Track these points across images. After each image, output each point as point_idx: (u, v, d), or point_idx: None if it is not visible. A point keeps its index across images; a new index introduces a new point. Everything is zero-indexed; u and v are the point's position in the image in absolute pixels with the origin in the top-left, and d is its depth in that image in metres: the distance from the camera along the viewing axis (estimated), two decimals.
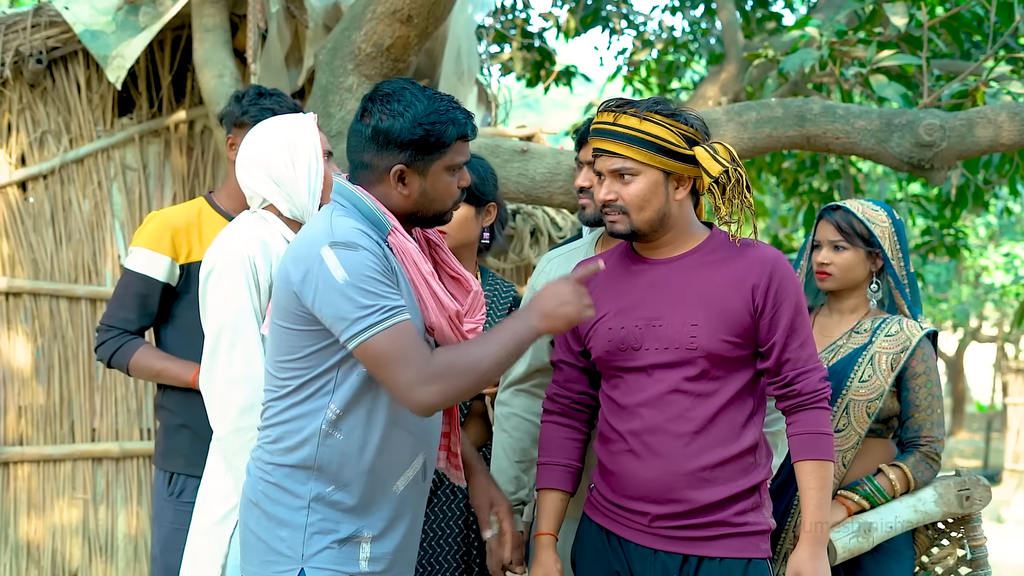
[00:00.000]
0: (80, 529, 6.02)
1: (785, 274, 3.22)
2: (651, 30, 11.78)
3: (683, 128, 3.18)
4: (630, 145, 3.18)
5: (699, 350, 3.17)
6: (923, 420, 3.71)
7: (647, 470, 3.22)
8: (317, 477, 3.04)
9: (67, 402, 6.05)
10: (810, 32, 6.30)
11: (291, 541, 3.05)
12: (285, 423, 3.07)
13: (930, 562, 3.83)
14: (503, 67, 10.98)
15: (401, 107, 3.05)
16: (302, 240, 3.04)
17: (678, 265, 3.27)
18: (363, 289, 2.92)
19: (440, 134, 3.06)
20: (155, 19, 6.01)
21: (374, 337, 2.91)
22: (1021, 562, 12.99)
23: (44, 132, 6.16)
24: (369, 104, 3.10)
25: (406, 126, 3.03)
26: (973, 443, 24.40)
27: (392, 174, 3.07)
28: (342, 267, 2.92)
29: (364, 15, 5.40)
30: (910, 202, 10.65)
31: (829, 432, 3.25)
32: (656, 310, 3.24)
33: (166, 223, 4.14)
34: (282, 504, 3.07)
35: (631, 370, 3.26)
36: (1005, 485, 17.21)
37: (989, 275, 20.64)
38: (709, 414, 3.18)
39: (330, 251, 2.94)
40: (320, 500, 3.05)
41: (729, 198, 3.20)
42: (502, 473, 3.82)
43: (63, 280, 6.09)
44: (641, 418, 3.23)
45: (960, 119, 5.15)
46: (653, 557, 3.23)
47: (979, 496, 3.74)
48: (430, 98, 3.08)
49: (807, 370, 3.23)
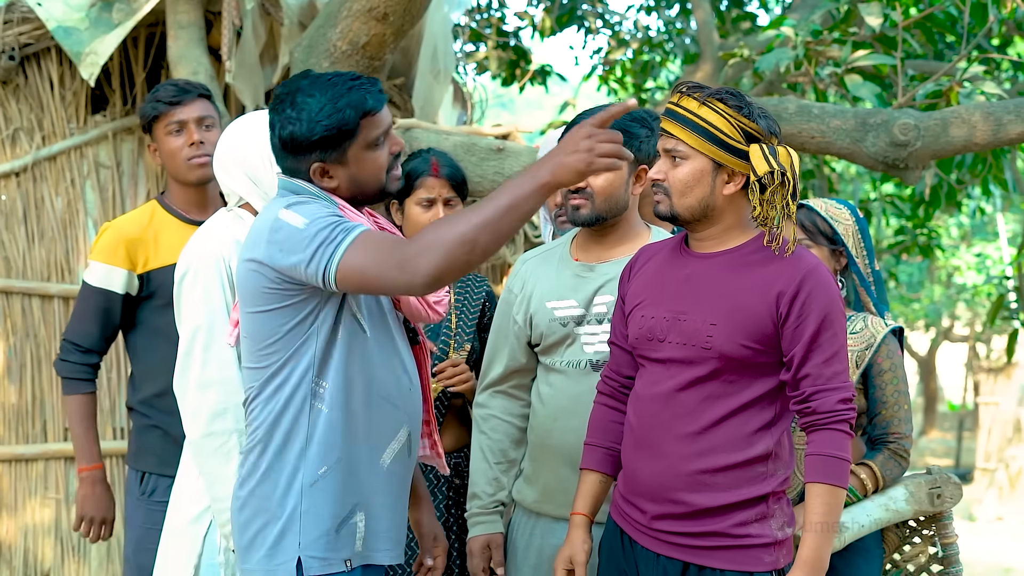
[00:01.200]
0: (52, 529, 5.98)
1: (817, 285, 3.09)
2: (626, 29, 11.81)
3: (744, 122, 3.09)
4: (684, 127, 3.11)
5: (713, 350, 3.10)
6: (890, 417, 3.72)
7: (647, 466, 3.18)
8: (308, 461, 3.04)
9: (39, 401, 6.02)
10: (785, 32, 6.31)
11: (286, 533, 3.05)
12: (272, 412, 3.08)
13: (902, 560, 3.85)
14: (478, 66, 10.99)
15: (295, 112, 3.03)
16: (259, 226, 3.07)
17: (716, 262, 3.20)
18: (323, 221, 2.93)
19: (340, 124, 3.03)
20: (129, 16, 5.98)
21: (348, 250, 2.89)
22: (993, 560, 13.07)
23: (16, 129, 6.12)
24: (272, 115, 3.09)
25: (304, 130, 3.03)
26: (945, 442, 24.52)
27: (314, 173, 3.09)
28: (300, 216, 2.95)
29: (340, 12, 5.39)
30: (883, 202, 10.69)
31: (844, 457, 3.08)
32: (684, 304, 3.18)
33: (120, 235, 4.14)
34: (273, 498, 3.07)
35: (653, 361, 3.23)
36: (977, 484, 17.33)
37: (961, 275, 20.76)
38: (717, 417, 3.11)
39: (287, 211, 2.99)
40: (313, 485, 3.05)
41: (768, 199, 3.11)
42: (481, 474, 3.82)
43: (35, 279, 6.05)
44: (650, 412, 3.20)
45: (935, 119, 5.18)
46: (655, 561, 3.19)
47: (950, 494, 3.75)
48: (322, 89, 3.05)
49: (827, 388, 3.07)
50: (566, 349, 3.67)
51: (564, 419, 3.64)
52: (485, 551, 3.77)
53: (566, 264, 3.74)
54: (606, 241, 3.69)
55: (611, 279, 3.61)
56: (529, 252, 3.93)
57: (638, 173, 3.63)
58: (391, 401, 3.15)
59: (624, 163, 3.52)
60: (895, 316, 24.24)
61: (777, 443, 3.16)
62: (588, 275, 3.67)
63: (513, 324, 3.78)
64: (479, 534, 3.78)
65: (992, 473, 17.15)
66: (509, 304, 3.82)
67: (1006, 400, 17.91)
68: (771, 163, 3.07)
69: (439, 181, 4.07)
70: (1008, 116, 5.09)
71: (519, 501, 3.80)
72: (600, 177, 3.57)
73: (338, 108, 3.02)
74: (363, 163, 3.11)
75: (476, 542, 3.78)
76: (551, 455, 3.67)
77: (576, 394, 3.61)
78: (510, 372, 3.83)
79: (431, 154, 4.14)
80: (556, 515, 3.66)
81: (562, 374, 3.67)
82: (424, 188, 4.06)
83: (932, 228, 10.65)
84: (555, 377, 3.70)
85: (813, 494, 3.07)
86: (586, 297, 3.64)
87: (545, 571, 3.64)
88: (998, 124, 5.08)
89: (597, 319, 3.63)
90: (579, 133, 2.82)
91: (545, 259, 3.82)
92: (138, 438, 4.17)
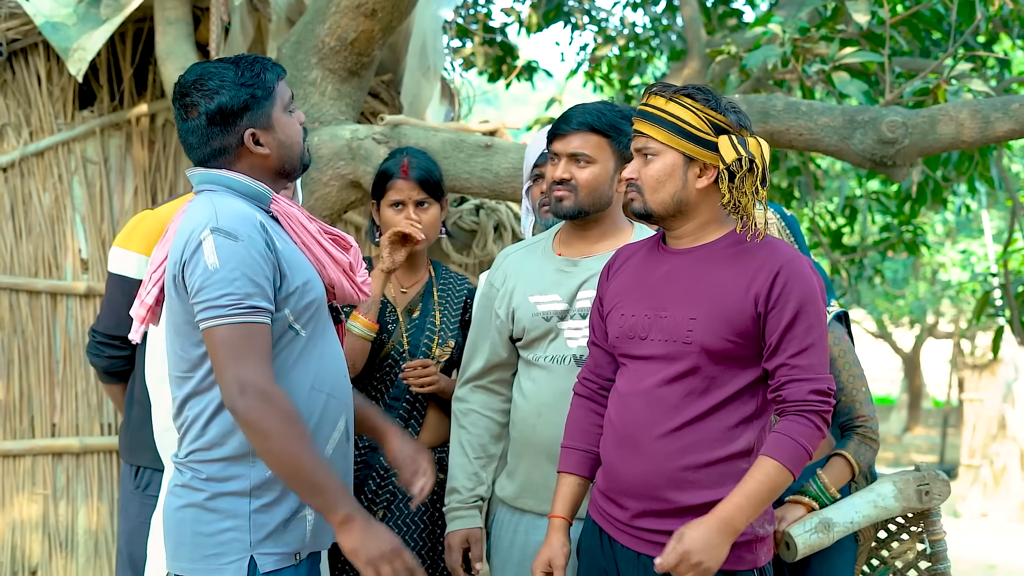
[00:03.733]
0: (40, 525, 5.97)
1: (791, 276, 3.09)
2: (613, 26, 11.82)
3: (712, 115, 3.12)
4: (652, 124, 3.14)
5: (694, 345, 3.10)
6: (851, 402, 3.74)
7: (629, 464, 3.17)
8: (254, 460, 3.01)
9: (27, 397, 6.00)
10: (772, 29, 6.32)
11: (237, 531, 3.02)
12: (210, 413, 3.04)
13: (890, 556, 3.86)
14: (465, 62, 10.98)
15: (216, 82, 3.08)
16: (184, 226, 3.04)
17: (693, 257, 3.21)
18: (229, 280, 2.92)
19: (262, 83, 3.10)
20: (117, 11, 5.97)
21: (222, 326, 2.91)
22: (977, 556, 13.12)
23: (4, 125, 6.11)
24: (185, 100, 3.11)
25: (229, 98, 3.07)
26: (929, 439, 24.61)
27: (247, 140, 3.10)
28: (216, 255, 2.93)
29: (328, 9, 5.38)
30: (869, 199, 10.73)
31: (805, 446, 3.04)
32: (664, 301, 3.18)
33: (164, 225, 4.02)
34: (223, 496, 3.03)
35: (634, 359, 3.23)
36: (961, 480, 17.36)
37: (946, 272, 20.80)
38: (699, 412, 3.11)
39: (209, 236, 2.95)
40: (259, 486, 3.03)
41: (737, 186, 3.11)
42: (460, 469, 3.82)
43: (23, 274, 6.04)
44: (632, 409, 3.19)
45: (922, 116, 5.19)
46: (636, 560, 3.18)
47: (938, 491, 3.76)
48: (229, 64, 3.12)
49: (800, 379, 3.07)
50: (549, 344, 3.67)
51: (548, 414, 3.64)
52: (464, 546, 3.78)
53: (549, 258, 3.74)
54: (589, 236, 3.70)
55: (595, 274, 3.61)
56: (511, 246, 3.93)
57: (623, 169, 3.64)
58: (329, 393, 3.16)
59: (610, 158, 3.57)
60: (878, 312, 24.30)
61: (758, 439, 3.16)
62: (571, 270, 3.67)
63: (495, 318, 3.78)
64: (458, 528, 3.78)
65: (977, 470, 17.20)
66: (490, 298, 3.82)
67: (990, 397, 17.94)
68: (739, 151, 3.09)
69: (408, 183, 4.04)
70: (995, 114, 5.11)
71: (501, 497, 3.80)
72: (585, 170, 3.60)
73: (255, 72, 3.10)
74: (286, 127, 3.16)
75: (455, 537, 3.78)
76: (533, 451, 3.68)
77: (560, 389, 3.61)
78: (490, 367, 3.83)
79: (404, 155, 4.12)
80: (538, 511, 3.67)
81: (545, 369, 3.67)
82: (394, 190, 4.06)
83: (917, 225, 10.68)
84: (537, 372, 3.70)
85: (760, 465, 3.04)
86: (570, 292, 3.65)
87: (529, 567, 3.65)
88: (985, 122, 5.10)
89: (581, 314, 3.63)
90: (389, 554, 2.94)
91: (527, 253, 3.82)
92: (134, 431, 4.13)
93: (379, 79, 6.51)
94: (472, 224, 6.27)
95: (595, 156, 3.60)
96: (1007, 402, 17.40)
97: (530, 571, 3.40)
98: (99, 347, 4.14)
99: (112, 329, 4.10)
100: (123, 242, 4.06)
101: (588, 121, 3.61)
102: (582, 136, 3.61)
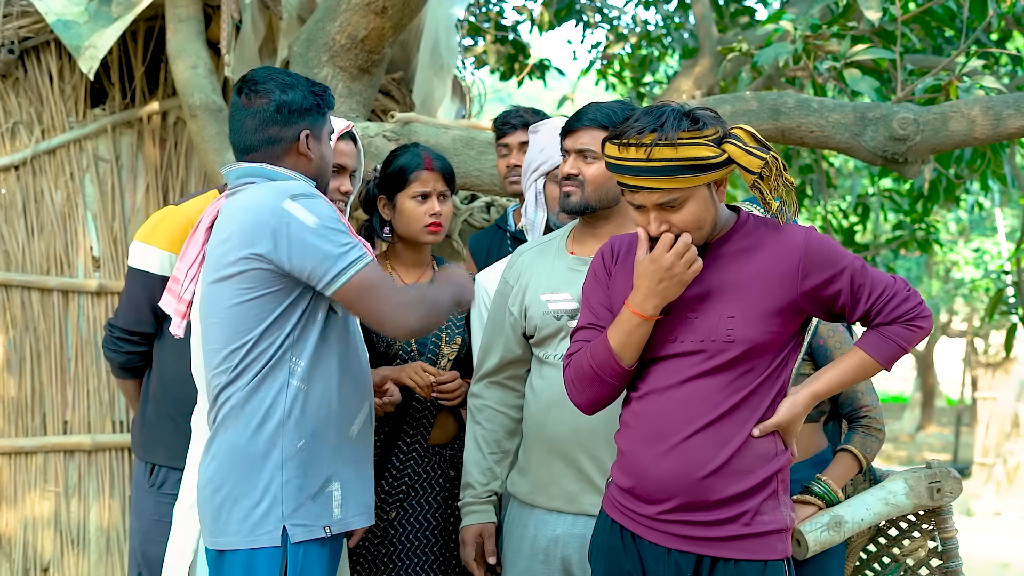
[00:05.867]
0: (52, 522, 5.99)
1: (817, 250, 3.09)
2: (625, 24, 11.80)
3: (709, 135, 3.00)
4: (672, 177, 3.00)
5: (737, 342, 3.07)
6: (852, 392, 3.74)
7: (662, 460, 3.13)
8: (286, 434, 3.21)
9: (39, 394, 6.02)
10: (784, 26, 6.31)
11: (270, 503, 3.20)
12: (251, 394, 3.22)
13: (901, 554, 3.85)
14: (477, 60, 10.98)
15: (291, 79, 3.34)
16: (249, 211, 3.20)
17: (709, 256, 3.15)
18: (336, 230, 3.18)
19: (325, 102, 3.39)
20: (128, 9, 5.98)
21: (363, 270, 3.16)
22: (991, 555, 13.09)
23: (16, 123, 6.12)
24: (257, 86, 3.33)
25: (302, 95, 3.33)
26: (943, 437, 24.55)
27: (301, 140, 3.34)
28: (311, 213, 3.14)
29: (339, 6, 5.39)
30: (882, 197, 10.70)
31: (903, 345, 3.13)
32: (689, 303, 3.13)
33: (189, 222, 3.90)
34: (254, 471, 3.21)
35: (661, 359, 3.18)
36: (975, 479, 17.34)
37: (959, 270, 20.78)
38: (734, 403, 3.09)
39: (293, 203, 3.15)
40: (291, 458, 3.22)
41: (774, 187, 3.07)
42: (475, 464, 3.84)
43: (35, 272, 6.05)
44: (661, 405, 3.15)
45: (934, 113, 5.17)
46: (667, 556, 3.14)
47: (950, 488, 3.74)
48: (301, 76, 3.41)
49: (884, 305, 3.11)
50: (559, 342, 3.67)
51: (556, 412, 3.64)
52: (478, 540, 3.79)
53: (561, 257, 3.75)
54: (600, 234, 3.70)
55: None
56: (526, 244, 3.94)
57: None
58: (355, 377, 3.38)
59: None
60: None
61: None
62: (582, 268, 3.66)
63: (508, 315, 3.79)
64: (472, 523, 3.80)
65: (990, 468, 17.17)
66: (504, 296, 3.83)
67: (1004, 395, 17.92)
68: (756, 153, 3.03)
69: (433, 175, 4.10)
70: (1008, 110, 5.09)
71: (513, 493, 3.81)
72: (592, 166, 3.62)
73: (322, 88, 3.41)
74: (327, 148, 3.44)
75: (469, 531, 3.80)
76: (543, 448, 3.68)
77: None
78: (505, 363, 3.84)
79: (419, 148, 4.18)
80: (548, 507, 3.67)
81: (555, 367, 3.67)
82: (419, 182, 4.08)
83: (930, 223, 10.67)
84: (548, 370, 3.70)
85: (850, 355, 3.18)
86: (580, 290, 3.64)
87: (539, 561, 3.66)
88: (997, 118, 5.08)
89: None
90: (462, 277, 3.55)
91: (541, 252, 3.83)
92: (150, 428, 4.11)
93: (390, 77, 6.51)
94: (483, 221, 6.26)
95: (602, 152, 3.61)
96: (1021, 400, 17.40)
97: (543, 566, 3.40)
98: (117, 342, 4.13)
99: (131, 324, 4.09)
100: (146, 237, 4.03)
101: (597, 118, 3.62)
102: (591, 133, 3.63)
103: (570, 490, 3.63)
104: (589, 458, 3.60)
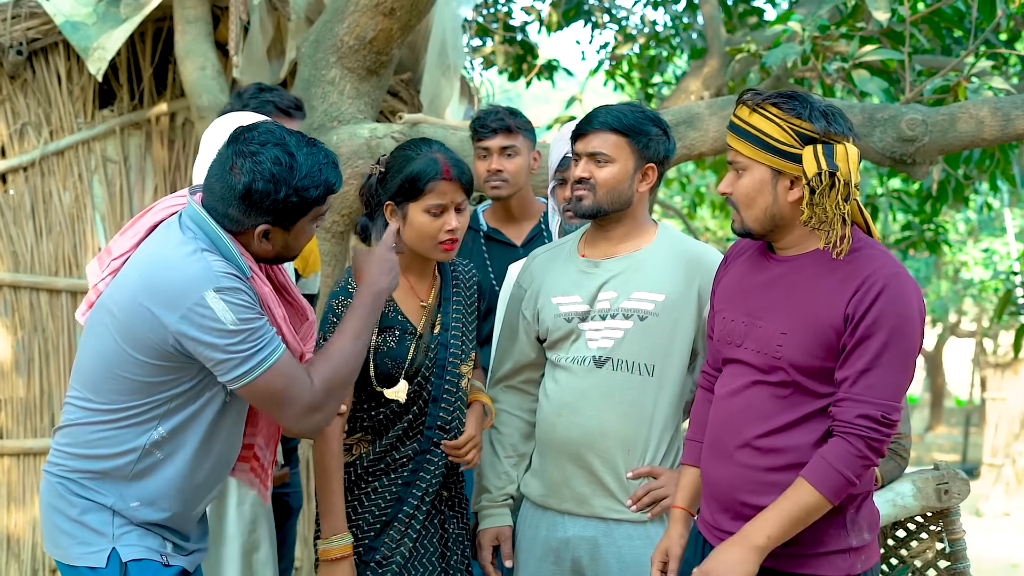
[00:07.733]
0: None
1: (889, 298, 2.90)
2: (633, 24, 11.80)
3: (798, 124, 2.93)
4: (738, 138, 3.02)
5: (783, 360, 2.98)
6: None
7: (716, 467, 3.12)
8: (123, 489, 3.10)
9: (47, 395, 6.03)
10: (792, 27, 6.31)
11: (100, 524, 3.10)
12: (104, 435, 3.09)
13: (909, 556, 3.85)
14: (485, 61, 10.99)
15: (277, 170, 2.96)
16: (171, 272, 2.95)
17: (793, 266, 3.07)
18: (249, 330, 2.95)
19: (311, 199, 3.02)
20: (136, 11, 6.00)
21: (262, 375, 2.98)
22: (1000, 555, 13.07)
23: (24, 124, 6.14)
24: (239, 159, 2.98)
25: (279, 194, 2.97)
26: (951, 438, 24.52)
27: (257, 233, 3.04)
28: (229, 311, 2.91)
29: (347, 7, 5.39)
30: (890, 197, 10.68)
31: (841, 471, 2.89)
32: (760, 309, 3.08)
33: None
34: (86, 496, 3.11)
35: (729, 362, 3.17)
36: (983, 479, 17.31)
37: (968, 270, 20.73)
38: (788, 420, 3.00)
39: (216, 296, 2.91)
40: (120, 512, 3.12)
41: (818, 202, 2.94)
42: (491, 468, 3.83)
43: (43, 273, 6.07)
44: (721, 412, 3.13)
45: (942, 114, 5.17)
46: None
47: (957, 490, 3.74)
48: (305, 155, 3.01)
49: (853, 399, 2.90)
50: (571, 345, 3.67)
51: (568, 415, 3.64)
52: (494, 543, 3.79)
53: (572, 260, 3.75)
54: (612, 237, 3.70)
55: (615, 275, 3.62)
56: (539, 248, 3.93)
57: (645, 170, 3.63)
58: (222, 459, 3.24)
59: (630, 158, 3.54)
60: None
61: None
62: (593, 271, 3.67)
63: (522, 320, 3.80)
64: (488, 527, 3.80)
65: (999, 469, 17.14)
66: (519, 300, 3.83)
67: (1013, 396, 17.87)
68: (820, 164, 2.93)
69: (451, 185, 3.54)
70: (1016, 111, 5.08)
71: (526, 494, 3.81)
72: (604, 169, 3.59)
73: (315, 182, 3.02)
74: (301, 234, 3.12)
75: (486, 535, 3.80)
76: (555, 450, 3.68)
77: (580, 390, 3.62)
78: (519, 367, 3.84)
79: (435, 151, 3.59)
80: (560, 509, 3.67)
81: (566, 370, 3.67)
82: (435, 194, 3.52)
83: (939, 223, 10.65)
84: (560, 373, 3.70)
85: (795, 486, 2.92)
86: (590, 293, 3.64)
87: (550, 563, 3.66)
88: (1006, 119, 5.07)
89: (601, 315, 3.62)
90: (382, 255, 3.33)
91: (554, 255, 3.83)
92: None
93: (398, 78, 6.51)
94: None
95: (614, 155, 3.59)
96: None
97: (553, 567, 3.38)
98: None
99: None
100: None
101: (608, 121, 3.61)
102: (602, 136, 3.61)
103: (581, 492, 3.63)
104: (601, 461, 3.59)
